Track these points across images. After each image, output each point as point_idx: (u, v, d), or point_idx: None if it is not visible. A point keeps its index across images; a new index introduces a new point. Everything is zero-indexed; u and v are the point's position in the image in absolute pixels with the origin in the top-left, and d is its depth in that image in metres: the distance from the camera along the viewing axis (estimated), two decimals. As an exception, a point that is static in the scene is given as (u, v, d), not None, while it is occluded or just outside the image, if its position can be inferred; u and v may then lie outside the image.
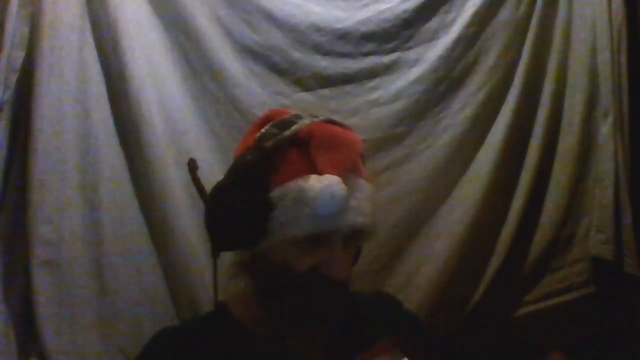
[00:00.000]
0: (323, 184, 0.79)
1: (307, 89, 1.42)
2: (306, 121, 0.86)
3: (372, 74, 1.44)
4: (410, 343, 0.87)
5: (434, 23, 1.45)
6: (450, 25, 1.45)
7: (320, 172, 0.81)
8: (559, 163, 1.48)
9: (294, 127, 0.84)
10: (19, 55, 1.24)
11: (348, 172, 0.83)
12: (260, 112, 1.37)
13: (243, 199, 0.81)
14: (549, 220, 1.46)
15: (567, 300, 1.45)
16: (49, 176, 1.25)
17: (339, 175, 0.81)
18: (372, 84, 1.44)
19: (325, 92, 1.43)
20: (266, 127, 0.86)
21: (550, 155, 1.47)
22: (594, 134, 1.46)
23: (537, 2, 1.45)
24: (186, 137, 1.36)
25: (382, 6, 1.44)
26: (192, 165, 0.89)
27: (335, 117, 1.36)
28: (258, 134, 0.85)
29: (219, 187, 0.84)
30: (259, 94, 1.40)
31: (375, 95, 1.44)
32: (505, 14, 1.45)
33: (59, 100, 1.27)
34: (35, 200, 1.23)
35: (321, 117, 0.89)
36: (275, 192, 0.81)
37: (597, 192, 1.45)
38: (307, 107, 1.40)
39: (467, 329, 1.40)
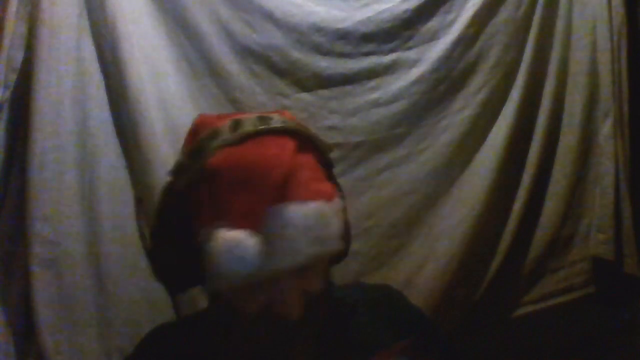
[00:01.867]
0: (225, 247, 0.67)
1: (307, 89, 1.42)
2: (218, 144, 0.73)
3: (372, 74, 1.44)
4: (424, 345, 0.86)
5: (434, 23, 1.45)
6: (450, 26, 1.45)
7: (230, 223, 0.69)
8: (559, 163, 1.48)
9: (202, 157, 0.72)
10: (19, 55, 1.24)
11: (266, 211, 0.69)
12: (260, 112, 1.38)
13: (170, 248, 0.76)
14: (549, 221, 1.46)
15: (567, 300, 1.45)
16: (48, 176, 1.25)
17: (252, 222, 0.68)
18: (372, 84, 1.44)
19: (325, 92, 1.43)
20: (182, 154, 0.77)
21: (550, 155, 1.47)
22: (594, 134, 1.46)
23: (538, 2, 1.45)
24: (186, 137, 1.36)
25: (382, 6, 1.44)
26: (137, 199, 0.83)
27: (335, 117, 1.42)
28: (172, 167, 0.78)
29: (152, 235, 0.79)
30: (259, 94, 1.40)
31: (375, 95, 1.44)
32: (505, 14, 1.45)
33: (58, 100, 1.27)
34: (35, 200, 1.23)
35: (248, 126, 0.74)
36: (198, 241, 0.71)
37: (597, 192, 1.45)
38: (307, 107, 1.41)
39: (467, 329, 1.39)
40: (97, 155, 1.31)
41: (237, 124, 0.75)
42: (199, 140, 0.75)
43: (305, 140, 0.78)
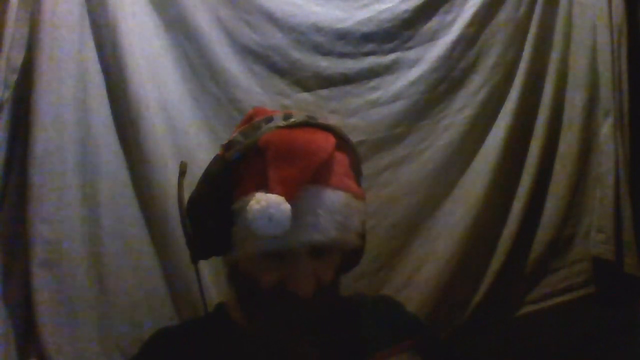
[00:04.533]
0: (260, 206, 0.73)
1: (307, 89, 1.42)
2: (271, 126, 0.81)
3: (372, 74, 1.44)
4: (423, 347, 0.87)
5: (434, 23, 1.45)
6: (450, 26, 1.45)
7: (269, 189, 0.75)
8: (559, 163, 1.47)
9: (257, 134, 0.81)
10: (19, 55, 1.24)
11: (303, 186, 0.77)
12: (260, 112, 1.38)
13: (206, 212, 0.81)
14: (549, 220, 1.46)
15: (567, 300, 1.45)
16: (48, 176, 1.25)
17: (289, 192, 0.75)
18: (372, 84, 1.44)
19: (325, 92, 1.43)
20: (235, 133, 0.84)
21: (550, 155, 1.47)
22: (594, 134, 1.46)
23: (537, 2, 1.45)
24: (186, 137, 1.36)
25: (382, 6, 1.44)
26: (182, 170, 0.88)
27: (335, 117, 1.42)
28: (225, 142, 0.85)
29: (191, 198, 0.85)
30: (259, 94, 1.40)
31: (375, 95, 1.44)
32: (505, 14, 1.45)
33: (59, 100, 1.27)
34: (35, 200, 1.23)
35: (299, 118, 0.84)
36: (235, 206, 0.79)
37: (597, 192, 1.45)
38: (307, 106, 1.41)
39: (467, 329, 1.40)
40: (97, 156, 1.31)
41: (288, 115, 0.84)
42: (253, 122, 0.84)
43: (344, 143, 0.87)
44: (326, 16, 1.42)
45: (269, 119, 0.83)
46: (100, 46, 1.32)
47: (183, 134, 1.36)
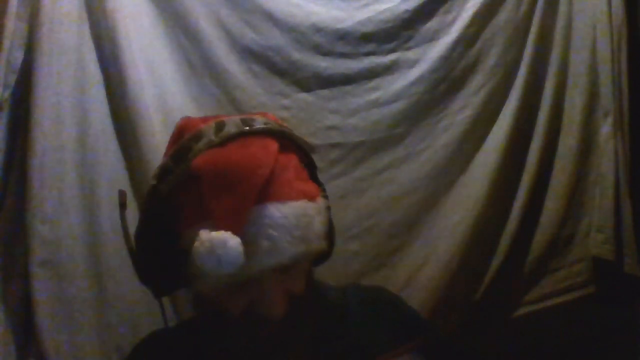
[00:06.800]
0: (206, 248, 0.67)
1: (307, 89, 1.42)
2: (201, 146, 0.73)
3: (372, 74, 1.44)
4: (426, 346, 0.86)
5: (434, 23, 1.45)
6: (450, 26, 1.45)
7: (215, 225, 0.68)
8: (559, 163, 1.48)
9: (188, 158, 0.73)
10: (19, 55, 1.24)
11: (249, 211, 0.69)
12: (260, 113, 1.38)
13: (153, 250, 0.76)
14: (549, 220, 1.46)
15: (567, 300, 1.45)
16: (48, 176, 1.25)
17: (234, 224, 0.68)
18: (372, 84, 1.44)
19: (325, 92, 1.43)
20: (165, 157, 0.77)
21: (550, 155, 1.47)
22: (594, 134, 1.46)
23: (538, 2, 1.45)
24: (186, 137, 1.36)
25: (382, 6, 1.44)
26: (121, 201, 0.80)
27: (335, 117, 1.42)
28: (155, 171, 0.77)
29: (135, 235, 0.79)
30: (259, 94, 1.40)
31: (375, 95, 1.44)
32: (505, 14, 1.46)
33: (58, 100, 1.27)
34: (34, 200, 1.23)
35: (232, 129, 0.74)
36: (181, 244, 0.73)
37: (597, 192, 1.45)
38: (307, 107, 1.41)
39: (467, 329, 1.40)
40: (97, 156, 1.31)
41: (220, 126, 0.75)
42: (182, 142, 0.76)
43: (287, 141, 0.78)
44: (326, 16, 1.42)
45: (199, 136, 0.75)
46: (99, 46, 1.32)
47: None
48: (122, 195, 0.82)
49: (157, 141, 1.31)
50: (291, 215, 0.72)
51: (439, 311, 1.38)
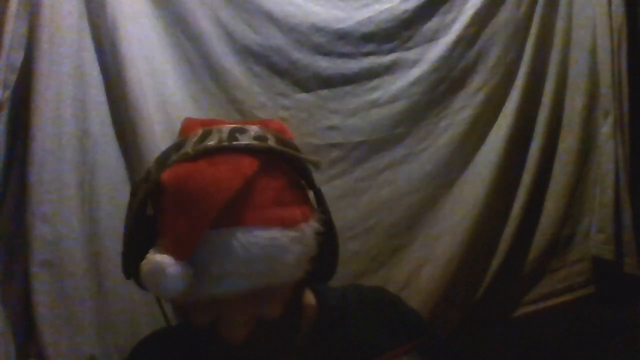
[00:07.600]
0: (147, 270, 0.65)
1: (307, 89, 1.42)
2: (176, 158, 0.69)
3: (372, 74, 1.44)
4: (426, 347, 0.85)
5: (434, 23, 1.45)
6: (450, 26, 1.45)
7: (165, 245, 0.66)
8: (559, 163, 1.48)
9: (167, 164, 0.69)
10: (19, 55, 1.24)
11: (201, 236, 0.65)
12: (260, 113, 1.38)
13: (137, 249, 0.72)
14: (549, 220, 1.46)
15: (567, 300, 1.45)
16: (47, 176, 1.25)
17: (180, 251, 0.64)
18: (372, 84, 1.44)
19: (325, 92, 1.43)
20: (150, 165, 0.73)
21: (550, 155, 1.47)
22: (594, 134, 1.47)
23: (538, 2, 1.46)
24: (186, 137, 1.36)
25: (382, 6, 1.44)
26: (133, 190, 0.77)
27: (335, 117, 1.42)
28: (136, 179, 0.75)
29: (123, 235, 0.76)
30: (259, 94, 1.40)
31: (375, 95, 1.44)
32: (505, 14, 1.46)
33: (58, 101, 1.27)
34: (34, 200, 1.23)
35: (213, 141, 0.70)
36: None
37: (597, 192, 1.45)
38: (307, 107, 1.41)
39: (467, 329, 1.40)
40: (97, 156, 1.31)
41: (204, 136, 0.71)
42: (167, 148, 0.73)
43: (275, 160, 0.71)
44: (326, 16, 1.42)
45: (180, 145, 0.71)
46: (99, 46, 1.32)
47: (183, 134, 1.36)
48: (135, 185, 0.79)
49: (156, 141, 1.31)
50: (253, 243, 0.66)
51: (439, 311, 1.38)
